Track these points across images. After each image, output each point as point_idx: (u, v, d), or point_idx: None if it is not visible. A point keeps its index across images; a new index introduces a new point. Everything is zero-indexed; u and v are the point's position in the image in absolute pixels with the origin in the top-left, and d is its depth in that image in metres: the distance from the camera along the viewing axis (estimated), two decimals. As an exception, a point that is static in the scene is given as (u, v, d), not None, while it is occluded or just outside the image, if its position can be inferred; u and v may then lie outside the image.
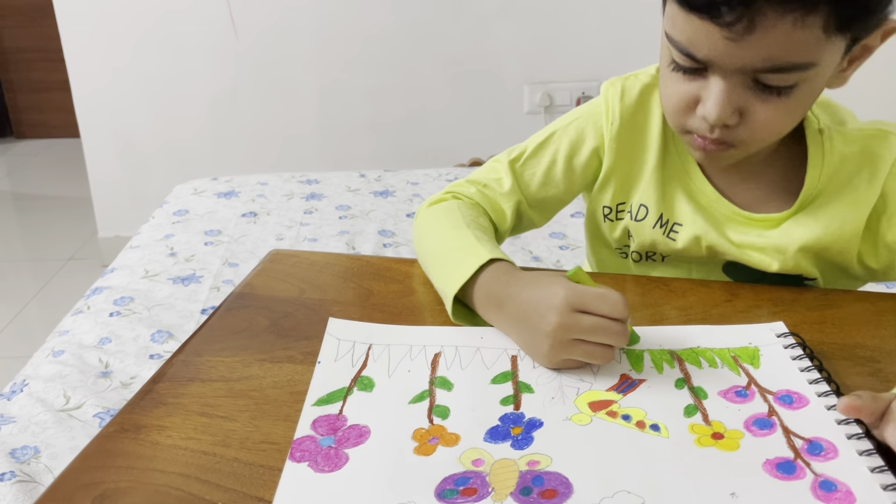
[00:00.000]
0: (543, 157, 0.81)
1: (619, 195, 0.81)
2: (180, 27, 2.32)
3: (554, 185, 0.82)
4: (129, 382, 1.01)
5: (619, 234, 0.82)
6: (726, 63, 0.61)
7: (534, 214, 0.83)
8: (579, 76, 2.39)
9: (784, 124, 0.66)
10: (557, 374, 0.61)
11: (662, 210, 0.78)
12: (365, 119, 2.44)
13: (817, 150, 0.72)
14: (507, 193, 0.81)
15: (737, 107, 0.63)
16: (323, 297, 0.76)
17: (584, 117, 0.81)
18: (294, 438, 0.55)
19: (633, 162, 0.79)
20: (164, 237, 1.45)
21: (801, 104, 0.64)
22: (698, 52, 0.62)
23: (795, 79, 0.61)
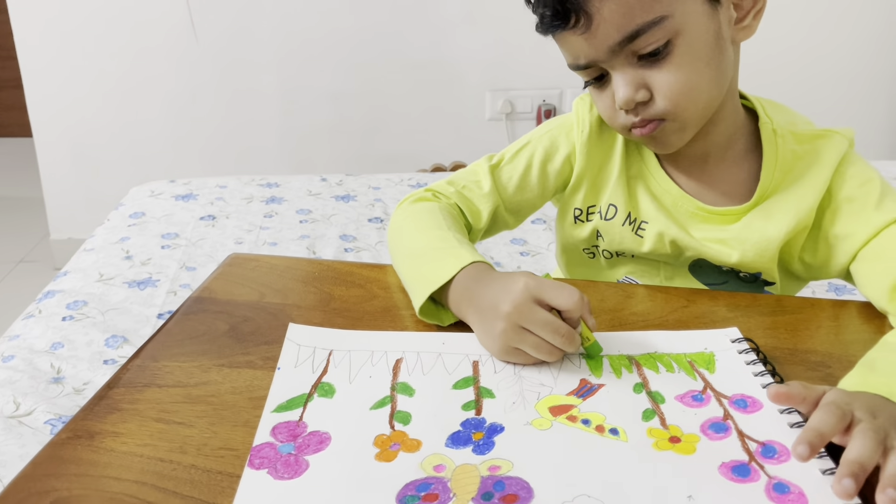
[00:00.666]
0: (520, 162, 0.86)
1: (589, 197, 0.85)
2: (139, 27, 2.28)
3: (529, 189, 0.86)
4: (81, 388, 0.98)
5: (588, 234, 0.87)
6: (599, 54, 0.69)
7: (508, 217, 0.87)
8: (540, 84, 2.41)
9: (692, 79, 0.69)
10: (518, 378, 0.61)
11: (630, 209, 0.83)
12: (326, 123, 2.42)
13: (771, 148, 0.76)
14: (485, 195, 0.85)
15: (638, 83, 0.70)
16: (283, 302, 0.75)
17: (557, 128, 0.86)
18: (253, 445, 0.54)
19: (601, 166, 0.84)
20: (119, 240, 1.42)
21: (696, 55, 0.69)
22: (580, 60, 0.71)
23: (660, 36, 0.67)
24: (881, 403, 0.53)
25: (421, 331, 0.69)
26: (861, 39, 2.34)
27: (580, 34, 0.68)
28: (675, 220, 0.81)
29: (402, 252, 0.78)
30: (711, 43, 0.69)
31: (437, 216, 0.79)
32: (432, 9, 2.31)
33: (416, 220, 0.80)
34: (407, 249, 0.77)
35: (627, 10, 0.66)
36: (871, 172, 0.75)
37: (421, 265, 0.72)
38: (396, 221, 0.82)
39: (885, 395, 0.53)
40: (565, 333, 0.60)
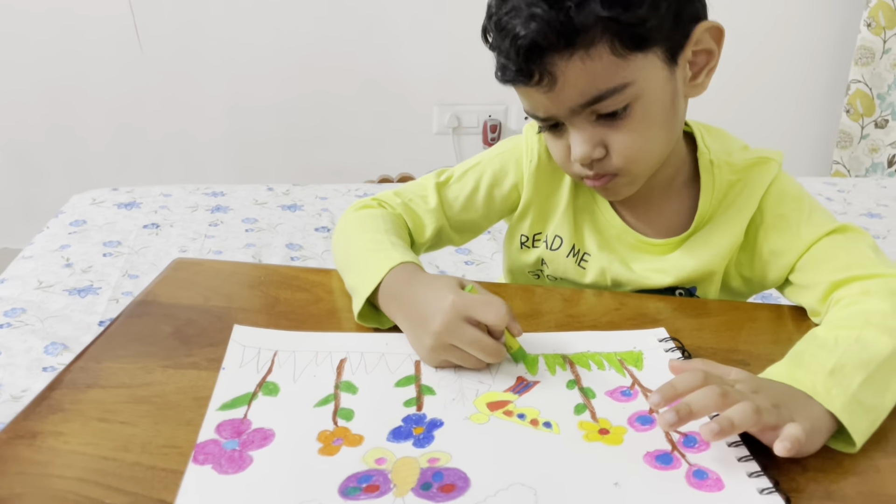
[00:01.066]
0: (467, 182, 0.87)
1: (535, 226, 0.87)
2: (82, 33, 2.25)
3: (474, 210, 0.87)
4: (19, 395, 0.97)
5: (534, 260, 0.88)
6: (560, 112, 0.70)
7: (453, 234, 0.89)
8: (487, 100, 2.46)
9: (647, 140, 0.71)
10: (458, 376, 0.64)
11: (575, 241, 0.85)
12: (272, 134, 2.42)
13: (709, 179, 0.79)
14: (431, 210, 0.86)
15: (595, 142, 0.71)
16: (228, 305, 0.76)
17: (508, 152, 0.87)
18: (197, 442, 0.55)
19: (549, 196, 0.85)
20: (59, 248, 1.40)
21: (653, 117, 0.70)
22: (539, 112, 0.72)
23: (621, 100, 0.68)
24: (785, 394, 0.57)
25: (365, 332, 0.71)
26: (789, 64, 2.46)
27: (542, 92, 0.68)
28: (617, 254, 0.83)
29: (340, 259, 0.80)
30: (668, 105, 0.71)
31: (377, 221, 0.80)
32: (381, 23, 2.34)
33: (356, 226, 0.81)
34: (344, 256, 0.79)
35: (592, 76, 0.66)
36: (798, 190, 0.80)
37: (356, 271, 0.74)
38: (339, 228, 0.84)
39: (808, 392, 0.57)
40: (492, 350, 0.63)
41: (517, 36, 0.65)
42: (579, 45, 0.64)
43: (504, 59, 0.68)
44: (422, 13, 2.33)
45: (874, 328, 0.63)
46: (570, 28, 0.63)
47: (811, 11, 2.41)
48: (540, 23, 0.64)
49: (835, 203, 1.75)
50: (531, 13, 0.64)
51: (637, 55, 0.66)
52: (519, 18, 0.65)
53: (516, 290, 0.82)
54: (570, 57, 0.65)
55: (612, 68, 0.66)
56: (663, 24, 0.66)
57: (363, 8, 2.31)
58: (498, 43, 0.68)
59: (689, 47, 0.70)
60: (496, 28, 0.68)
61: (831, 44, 2.45)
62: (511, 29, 0.65)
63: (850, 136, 2.44)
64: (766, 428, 0.54)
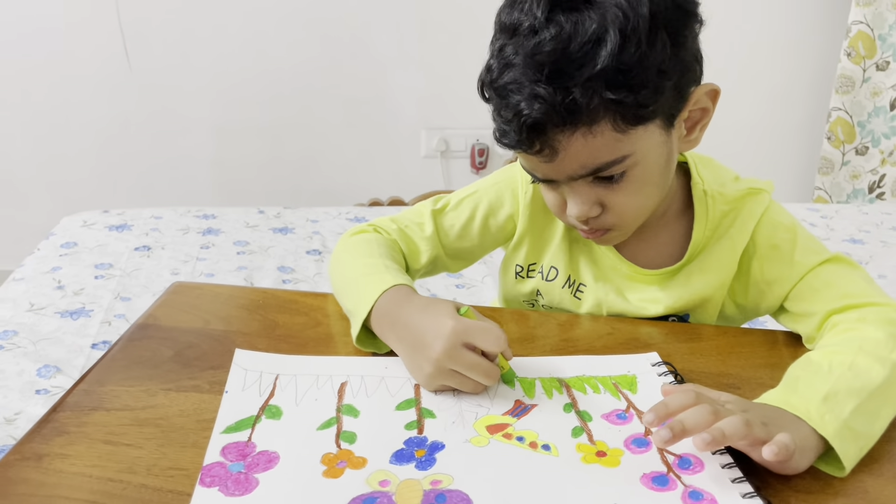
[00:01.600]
0: (463, 211, 0.88)
1: (531, 256, 0.88)
2: (70, 54, 2.25)
3: (469, 239, 0.88)
4: (13, 418, 0.97)
5: (529, 290, 0.89)
6: (559, 177, 0.70)
7: (449, 261, 0.90)
8: (474, 124, 2.49)
9: (642, 200, 0.73)
10: (457, 400, 0.65)
11: (570, 272, 0.86)
12: (262, 158, 2.43)
13: (702, 209, 0.80)
14: (427, 238, 0.87)
15: (592, 201, 0.71)
16: (228, 329, 0.77)
17: (504, 182, 0.88)
18: (203, 465, 0.56)
19: (544, 227, 0.87)
20: (50, 270, 1.40)
21: (648, 179, 0.71)
22: (537, 174, 0.72)
23: (620, 169, 0.68)
24: (774, 414, 0.59)
25: (364, 356, 0.72)
26: (771, 92, 2.51)
27: (543, 161, 0.68)
28: (613, 284, 0.85)
29: (336, 284, 0.81)
30: (663, 165, 0.72)
31: (371, 246, 0.82)
32: (370, 47, 2.37)
33: (351, 251, 0.82)
34: (340, 281, 0.80)
35: (593, 150, 0.66)
36: (790, 220, 0.82)
37: (351, 296, 0.75)
38: (335, 255, 0.85)
39: (802, 416, 0.59)
40: (491, 373, 0.65)
41: (520, 113, 0.64)
42: (582, 123, 0.64)
43: (504, 126, 0.67)
44: (409, 38, 2.37)
45: (867, 356, 0.65)
46: (574, 109, 0.63)
47: (793, 41, 2.47)
48: (543, 104, 0.63)
49: (818, 229, 1.79)
50: (534, 92, 0.63)
51: (638, 129, 0.67)
52: (521, 94, 0.64)
53: (511, 314, 0.84)
54: (572, 133, 0.65)
55: (613, 143, 0.66)
56: (666, 100, 0.67)
57: (352, 32, 2.34)
58: (499, 108, 0.67)
59: (687, 109, 0.72)
60: (497, 95, 0.67)
61: (812, 72, 2.51)
62: (514, 103, 0.65)
63: (832, 163, 2.49)
64: (755, 442, 0.56)
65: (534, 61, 0.63)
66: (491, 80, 0.67)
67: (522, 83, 0.64)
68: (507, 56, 0.66)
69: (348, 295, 0.77)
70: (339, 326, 0.78)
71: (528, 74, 0.64)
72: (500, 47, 0.67)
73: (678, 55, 0.66)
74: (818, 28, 2.47)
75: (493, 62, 0.67)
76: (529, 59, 0.64)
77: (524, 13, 0.65)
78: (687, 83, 0.69)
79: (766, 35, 2.45)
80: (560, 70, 0.63)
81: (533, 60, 0.63)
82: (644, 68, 0.63)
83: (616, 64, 0.62)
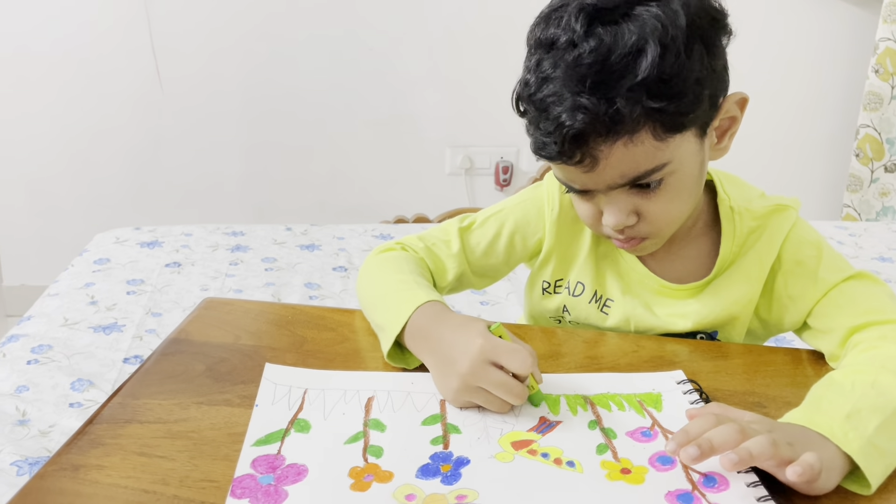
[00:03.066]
0: (489, 229, 0.89)
1: (557, 272, 0.89)
2: (103, 73, 2.31)
3: (495, 256, 0.89)
4: (47, 431, 0.99)
5: (556, 306, 0.90)
6: (598, 187, 0.71)
7: (474, 278, 0.91)
8: (499, 141, 2.51)
9: (678, 208, 0.74)
10: (482, 416, 0.66)
11: (597, 287, 0.87)
12: (289, 176, 2.47)
13: (729, 225, 0.81)
14: (454, 255, 0.88)
15: (629, 210, 0.72)
16: (258, 344, 0.79)
17: (530, 201, 0.89)
18: (234, 477, 0.57)
19: (570, 244, 0.87)
20: (84, 285, 1.43)
21: (684, 186, 0.73)
22: (575, 184, 0.73)
23: (658, 176, 0.70)
24: (800, 434, 0.58)
25: (391, 371, 0.73)
26: (799, 109, 2.50)
27: (582, 171, 0.69)
28: (640, 299, 0.85)
29: (366, 300, 0.82)
30: (696, 173, 0.74)
31: (400, 263, 0.83)
32: (394, 67, 2.40)
33: (380, 269, 0.84)
34: (370, 297, 0.82)
35: (633, 159, 0.68)
36: (816, 237, 0.82)
37: (383, 312, 0.77)
38: (363, 272, 0.86)
39: (825, 434, 0.58)
40: (518, 392, 0.65)
41: (562, 124, 0.65)
42: (624, 132, 0.66)
43: (543, 138, 0.68)
44: (435, 57, 2.39)
45: (890, 374, 0.65)
46: (617, 118, 0.64)
47: (820, 58, 2.46)
48: (587, 114, 0.64)
49: (846, 247, 1.77)
50: (577, 103, 0.65)
51: (676, 137, 0.68)
52: (562, 105, 0.65)
53: (537, 331, 0.85)
54: (614, 142, 0.66)
55: (653, 151, 0.68)
56: (702, 108, 0.69)
57: (377, 54, 2.37)
58: (537, 121, 0.68)
59: (718, 118, 0.73)
60: (536, 108, 0.68)
61: (840, 89, 2.49)
62: (555, 115, 0.66)
63: (860, 180, 2.46)
64: (781, 462, 0.56)
65: (575, 73, 0.65)
66: (529, 94, 0.69)
67: (563, 95, 0.65)
68: (545, 70, 0.67)
69: (379, 310, 0.78)
70: (366, 342, 0.79)
71: (569, 86, 0.65)
72: (538, 62, 0.68)
73: (712, 65, 0.69)
74: (845, 45, 2.45)
75: (531, 77, 0.69)
76: (570, 71, 0.65)
77: (562, 28, 0.67)
78: (719, 92, 0.72)
79: (793, 52, 2.45)
80: (602, 81, 0.64)
81: (574, 72, 0.65)
82: (683, 77, 0.65)
83: (657, 73, 0.64)
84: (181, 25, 2.29)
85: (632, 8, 0.66)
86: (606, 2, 0.66)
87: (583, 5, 0.66)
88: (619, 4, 0.66)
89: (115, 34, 2.28)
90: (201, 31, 2.30)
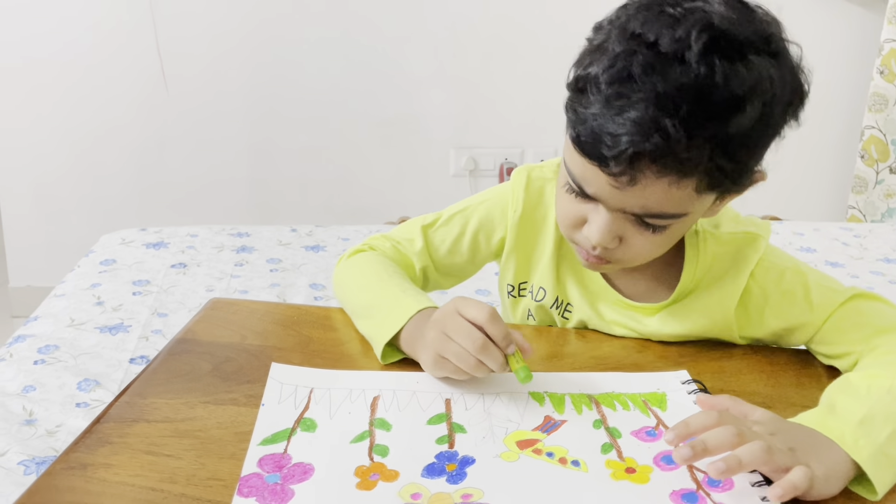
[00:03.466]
0: (453, 227, 0.88)
1: (520, 274, 0.87)
2: (108, 75, 2.32)
3: (459, 255, 0.89)
4: (54, 430, 0.99)
5: (522, 309, 0.89)
6: (610, 203, 0.67)
7: (440, 277, 0.90)
8: (503, 143, 2.51)
9: (657, 251, 0.72)
10: (488, 415, 0.66)
11: (558, 293, 0.86)
12: (294, 177, 2.47)
13: (693, 250, 0.78)
14: (417, 253, 0.87)
15: (616, 234, 0.69)
16: (264, 344, 0.79)
17: (494, 199, 0.87)
18: (241, 475, 0.57)
19: (533, 246, 0.86)
20: (90, 286, 1.44)
21: (676, 234, 0.72)
22: (587, 187, 0.67)
23: (671, 222, 0.68)
24: (805, 438, 0.58)
25: (396, 371, 0.74)
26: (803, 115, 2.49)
27: (611, 183, 0.64)
28: (596, 310, 0.84)
29: (351, 308, 0.82)
30: (690, 224, 0.72)
31: (376, 266, 0.83)
32: (399, 69, 2.40)
33: (358, 274, 0.84)
34: (354, 307, 0.82)
35: (666, 199, 0.64)
36: (792, 262, 0.79)
37: (371, 320, 0.77)
38: (339, 277, 0.86)
39: (835, 439, 0.58)
40: (480, 343, 0.65)
41: (631, 136, 0.60)
42: (678, 173, 0.62)
43: (598, 132, 0.61)
44: (440, 58, 2.40)
45: None
46: (685, 158, 0.60)
47: (825, 59, 2.45)
48: (663, 141, 0.59)
49: (851, 248, 1.77)
50: (659, 123, 0.59)
51: (709, 194, 0.66)
52: (642, 116, 0.59)
53: (540, 331, 0.85)
54: (662, 177, 0.62)
55: (685, 200, 0.65)
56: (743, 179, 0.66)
57: (382, 55, 2.38)
58: (600, 112, 0.62)
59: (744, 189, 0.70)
60: (608, 101, 0.61)
61: (845, 91, 2.49)
62: (629, 120, 0.60)
63: (865, 182, 2.46)
64: (777, 469, 0.56)
65: (672, 91, 0.59)
66: (609, 81, 0.61)
67: (648, 106, 0.59)
68: (635, 67, 0.60)
69: (368, 324, 0.78)
70: (368, 342, 0.79)
71: (659, 101, 0.59)
72: (628, 52, 0.61)
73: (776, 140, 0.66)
74: (850, 46, 2.45)
75: (616, 64, 0.61)
76: (667, 86, 0.59)
77: (675, 39, 0.59)
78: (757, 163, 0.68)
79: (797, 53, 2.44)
80: (694, 115, 0.59)
81: (671, 90, 0.59)
82: (759, 147, 0.63)
83: (743, 134, 0.61)
84: (186, 27, 2.30)
85: (753, 52, 0.61)
86: (736, 32, 0.60)
87: (709, 24, 0.60)
88: (744, 42, 0.60)
89: (121, 36, 2.29)
90: (206, 32, 2.31)
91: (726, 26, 0.60)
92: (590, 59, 0.64)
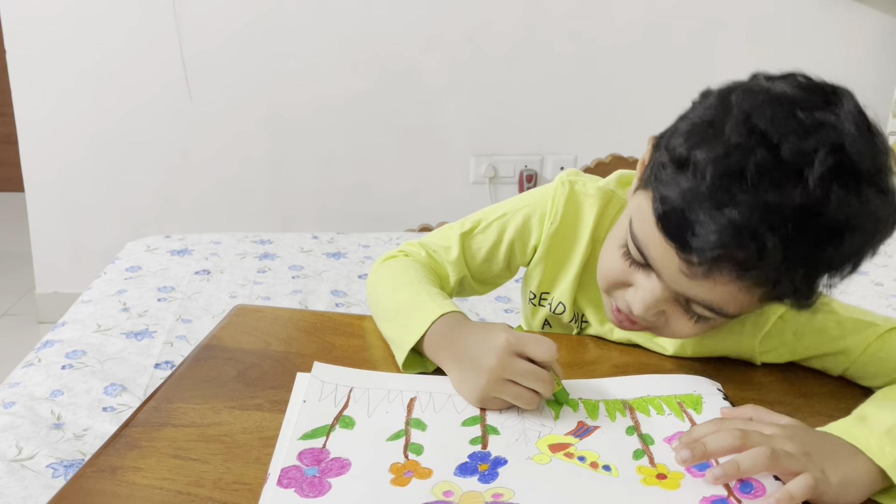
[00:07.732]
0: (491, 234, 0.86)
1: (544, 284, 0.86)
2: (134, 85, 2.35)
3: (496, 263, 0.87)
4: (81, 434, 1.00)
5: (540, 318, 0.89)
6: (669, 283, 0.64)
7: (476, 285, 0.89)
8: (523, 150, 2.50)
9: (691, 335, 0.70)
10: (521, 419, 0.66)
11: (576, 310, 0.86)
12: (315, 185, 2.49)
13: None
14: (453, 262, 0.86)
15: (661, 310, 0.67)
16: (287, 350, 0.79)
17: (533, 206, 0.85)
18: (281, 467, 0.58)
19: (562, 262, 0.84)
20: (116, 292, 1.45)
21: (712, 328, 0.70)
22: (651, 258, 0.64)
23: (720, 320, 0.66)
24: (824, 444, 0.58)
25: (434, 374, 0.73)
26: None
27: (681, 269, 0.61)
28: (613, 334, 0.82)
29: (379, 313, 0.82)
30: None
31: (408, 272, 0.82)
32: (420, 77, 2.41)
33: (388, 279, 0.83)
34: (383, 310, 0.81)
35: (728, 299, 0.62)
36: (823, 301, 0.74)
37: (397, 325, 0.76)
38: (372, 282, 0.86)
39: (861, 446, 0.57)
40: (546, 380, 0.65)
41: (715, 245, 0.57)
42: (753, 281, 0.60)
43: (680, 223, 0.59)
44: (458, 67, 2.40)
45: None
46: (770, 270, 0.58)
47: (848, 65, 2.43)
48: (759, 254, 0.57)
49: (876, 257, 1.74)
50: (758, 235, 0.56)
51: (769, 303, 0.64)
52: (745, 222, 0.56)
53: (562, 339, 0.84)
54: (735, 281, 0.60)
55: (746, 303, 0.63)
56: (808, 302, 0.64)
57: (403, 63, 2.39)
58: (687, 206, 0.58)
59: None
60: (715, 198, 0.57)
61: (869, 96, 2.46)
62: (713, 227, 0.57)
63: (891, 187, 2.43)
64: (787, 473, 0.55)
65: (782, 207, 0.56)
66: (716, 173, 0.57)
67: (753, 214, 0.56)
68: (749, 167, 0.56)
69: (393, 327, 0.77)
70: (391, 349, 0.79)
71: (765, 213, 0.56)
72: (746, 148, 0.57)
73: None
74: (874, 51, 2.43)
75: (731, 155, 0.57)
76: (779, 198, 0.56)
77: (800, 151, 0.56)
78: None
79: (821, 59, 2.42)
80: (796, 236, 0.56)
81: (782, 205, 0.56)
82: (840, 274, 0.61)
83: (831, 262, 0.60)
84: (210, 38, 2.33)
85: (867, 184, 0.57)
86: (859, 161, 0.57)
87: (839, 146, 0.56)
88: (864, 173, 0.57)
89: (146, 49, 2.32)
90: (229, 44, 2.34)
91: (854, 153, 0.56)
92: (700, 137, 0.60)
